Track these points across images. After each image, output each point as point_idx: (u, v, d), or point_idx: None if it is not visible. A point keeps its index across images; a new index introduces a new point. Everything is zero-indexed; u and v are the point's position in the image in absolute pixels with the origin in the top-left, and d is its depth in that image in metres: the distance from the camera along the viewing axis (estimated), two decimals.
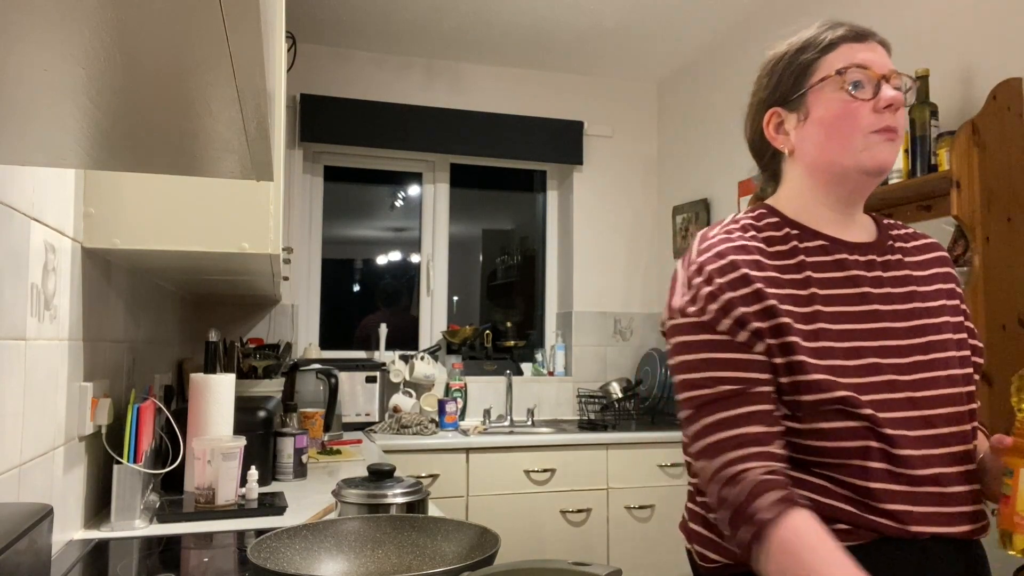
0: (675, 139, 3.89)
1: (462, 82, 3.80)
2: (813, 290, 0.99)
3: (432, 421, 3.21)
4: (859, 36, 1.06)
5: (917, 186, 2.17)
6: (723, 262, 0.99)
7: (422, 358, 3.49)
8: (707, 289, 0.98)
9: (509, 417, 3.54)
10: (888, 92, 0.99)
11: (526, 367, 3.88)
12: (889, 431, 0.93)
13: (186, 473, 1.62)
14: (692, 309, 0.99)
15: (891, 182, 2.20)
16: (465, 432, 3.16)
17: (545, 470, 3.02)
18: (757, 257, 1.00)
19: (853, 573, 0.81)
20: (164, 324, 2.41)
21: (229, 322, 3.39)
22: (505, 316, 4.02)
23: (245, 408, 1.91)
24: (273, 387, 2.78)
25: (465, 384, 3.54)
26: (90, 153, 0.75)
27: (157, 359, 2.30)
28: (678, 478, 3.17)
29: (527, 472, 3.01)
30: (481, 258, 4.09)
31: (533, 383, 3.77)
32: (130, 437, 1.45)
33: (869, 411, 0.93)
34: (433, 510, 1.49)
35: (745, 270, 0.98)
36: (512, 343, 3.81)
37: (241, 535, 1.44)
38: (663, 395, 3.55)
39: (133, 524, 1.45)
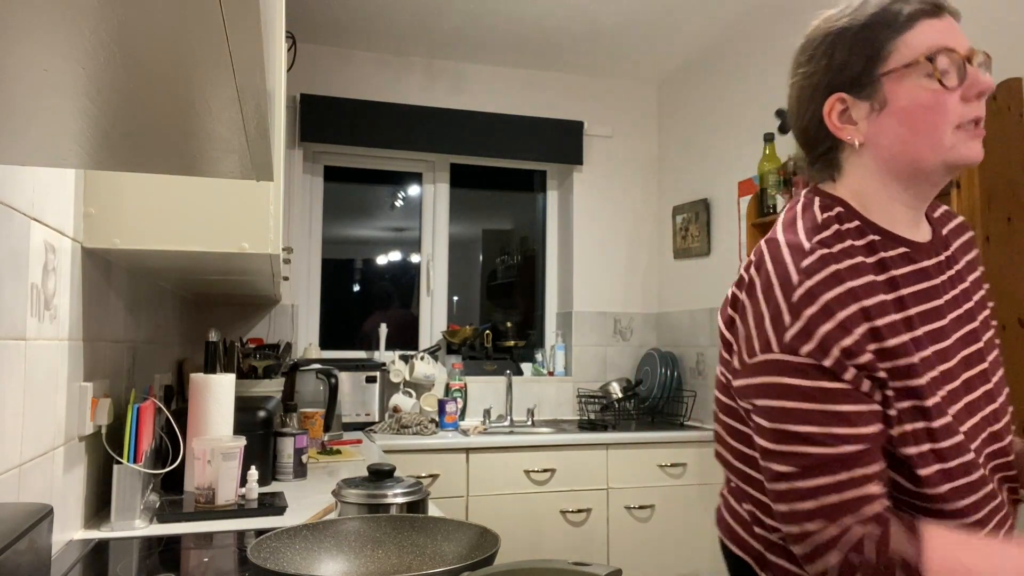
0: (675, 139, 3.89)
1: (462, 82, 3.80)
2: (910, 313, 0.89)
3: (432, 421, 3.21)
4: (936, 9, 0.91)
5: None
6: (841, 290, 0.84)
7: (422, 358, 3.49)
8: (827, 328, 0.82)
9: (509, 417, 3.54)
10: (981, 78, 0.88)
11: (526, 367, 3.88)
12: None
13: (186, 473, 1.62)
14: (806, 349, 0.83)
15: None
16: (465, 432, 3.16)
17: (545, 470, 3.02)
18: (871, 279, 0.87)
19: (1012, 552, 0.79)
20: (164, 324, 2.41)
21: (229, 322, 3.39)
22: (505, 316, 4.02)
23: (245, 408, 1.91)
24: (273, 387, 2.78)
25: (465, 384, 3.54)
26: (90, 153, 0.75)
27: (157, 359, 2.30)
28: (678, 478, 3.17)
29: (527, 472, 3.01)
30: (481, 258, 4.09)
31: (533, 383, 3.77)
32: (130, 437, 1.45)
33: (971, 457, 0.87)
34: (433, 510, 1.49)
35: (865, 302, 0.84)
36: (512, 343, 3.81)
37: (241, 535, 1.44)
38: (663, 395, 3.55)
39: (133, 524, 1.45)
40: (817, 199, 0.97)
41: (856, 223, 0.94)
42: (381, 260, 3.94)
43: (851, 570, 0.81)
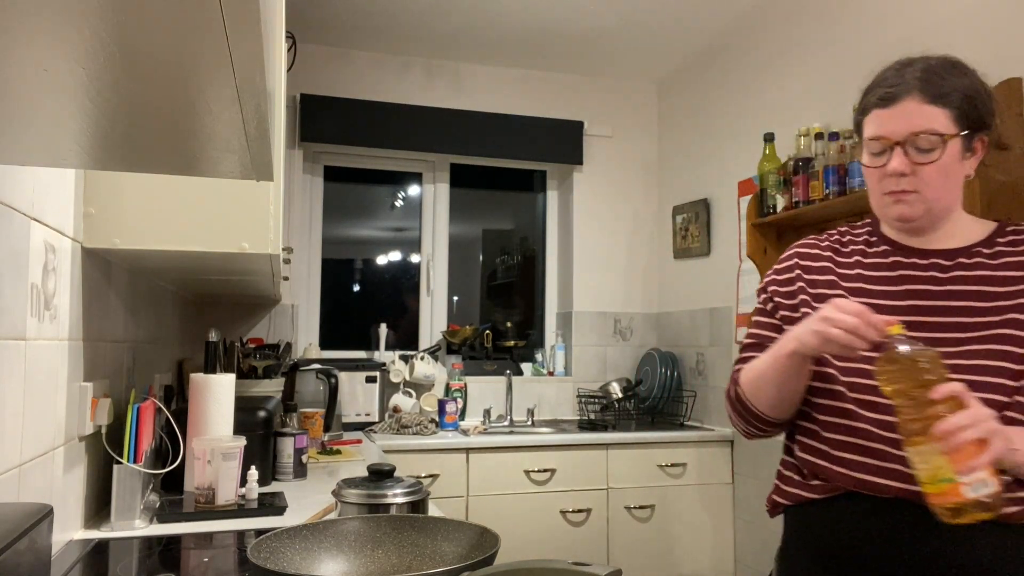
0: (675, 139, 3.89)
1: (462, 82, 3.80)
2: (860, 285, 1.19)
3: (432, 421, 3.21)
4: (886, 100, 1.13)
5: None
6: (790, 252, 1.34)
7: (422, 358, 3.49)
8: (768, 276, 1.36)
9: (509, 417, 3.54)
10: (893, 163, 1.11)
11: (526, 367, 3.88)
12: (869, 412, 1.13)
13: (186, 473, 1.62)
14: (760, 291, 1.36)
15: None
16: (465, 432, 3.16)
17: (545, 470, 3.02)
18: (819, 252, 1.28)
19: (788, 337, 1.14)
20: (164, 324, 2.41)
21: (229, 322, 3.39)
22: (505, 316, 4.02)
23: (245, 408, 1.91)
24: (273, 387, 2.78)
25: (465, 384, 3.54)
26: (90, 153, 0.76)
27: (157, 359, 2.30)
28: (678, 478, 3.17)
29: (527, 472, 3.01)
30: (481, 258, 4.09)
31: (533, 383, 3.77)
32: (130, 437, 1.45)
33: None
34: (433, 510, 1.49)
35: (800, 261, 1.29)
36: (512, 343, 3.81)
37: (241, 535, 1.44)
38: (663, 395, 3.55)
39: (133, 524, 1.45)
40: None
41: (868, 228, 1.27)
42: (381, 260, 3.94)
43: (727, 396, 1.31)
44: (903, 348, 1.01)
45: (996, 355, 1.06)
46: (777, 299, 1.27)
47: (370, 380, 3.33)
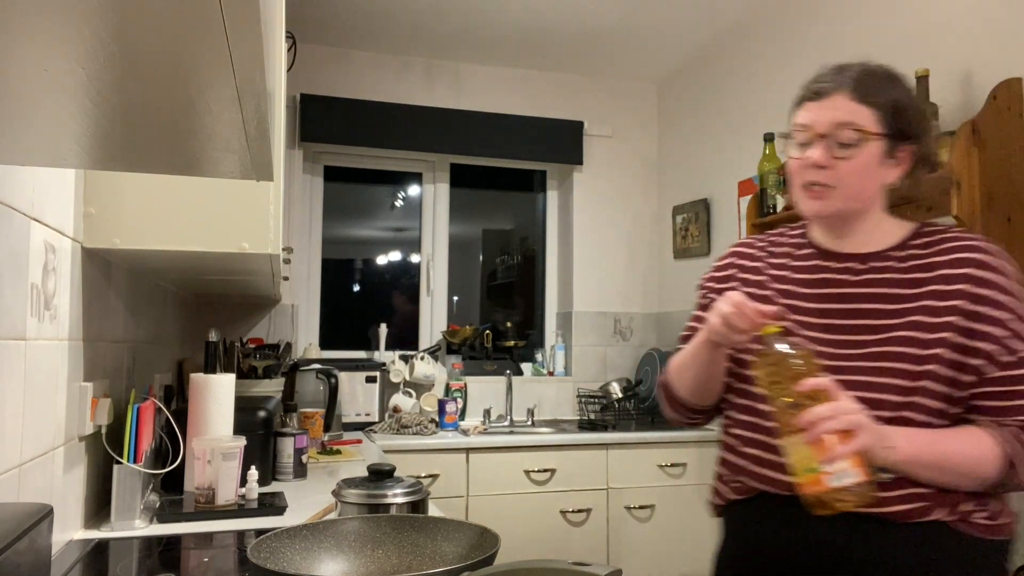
0: (675, 139, 3.89)
1: (462, 82, 3.80)
2: (787, 287, 1.22)
3: (432, 421, 3.20)
4: (818, 94, 1.16)
5: (917, 186, 2.17)
6: (726, 251, 1.39)
7: (422, 358, 3.49)
8: (705, 274, 1.36)
9: (509, 417, 3.54)
10: (813, 154, 1.13)
11: (526, 367, 3.88)
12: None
13: (186, 473, 1.62)
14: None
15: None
16: (465, 432, 3.16)
17: (545, 470, 3.02)
18: (754, 252, 1.32)
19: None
20: (164, 324, 2.41)
21: (229, 322, 3.39)
22: (505, 316, 4.02)
23: (245, 408, 1.91)
24: (273, 387, 2.78)
25: (465, 384, 3.54)
26: (90, 153, 0.76)
27: (157, 359, 2.30)
28: (678, 478, 3.17)
29: (527, 472, 3.01)
30: (481, 258, 4.09)
31: (533, 383, 3.77)
32: (130, 437, 1.45)
33: None
34: (433, 510, 1.49)
35: (734, 260, 1.34)
36: (512, 343, 3.81)
37: (241, 535, 1.44)
38: None
39: (133, 524, 1.45)
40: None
41: (802, 230, 1.29)
42: (381, 260, 3.94)
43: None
44: (777, 344, 1.06)
45: (894, 357, 1.09)
46: (711, 296, 1.31)
47: (370, 380, 3.33)
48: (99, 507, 1.58)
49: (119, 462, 1.43)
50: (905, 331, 1.10)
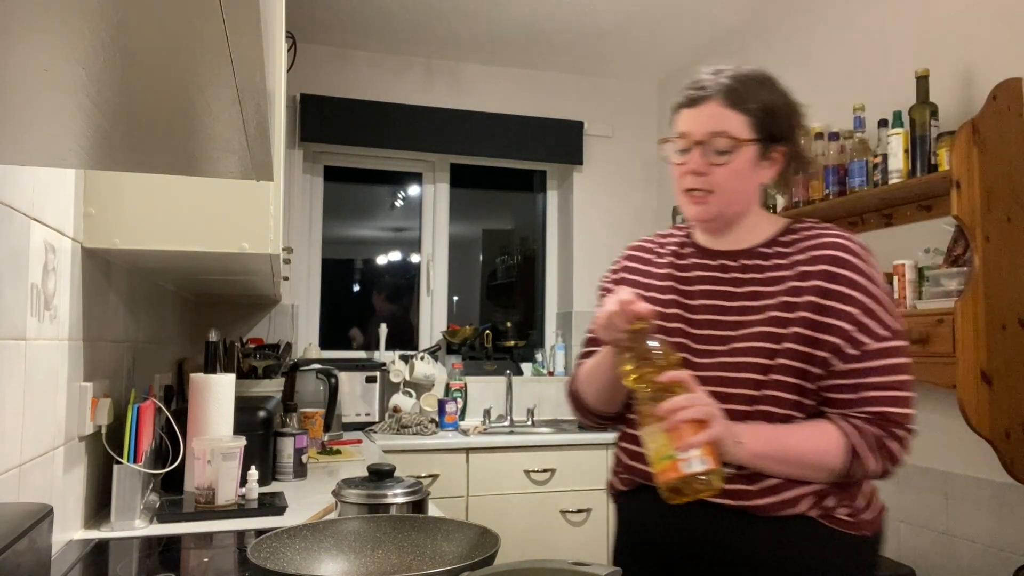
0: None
1: (462, 82, 3.80)
2: (670, 283, 1.26)
3: (432, 421, 3.20)
4: (693, 101, 1.20)
5: (917, 186, 2.17)
6: (622, 255, 1.44)
7: (422, 358, 3.49)
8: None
9: (509, 417, 3.54)
10: (690, 161, 1.17)
11: (526, 367, 3.88)
12: None
13: (186, 473, 1.62)
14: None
15: (891, 182, 2.20)
16: (465, 432, 3.16)
17: (545, 470, 3.02)
18: (644, 255, 1.37)
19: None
20: (164, 324, 2.41)
21: (229, 322, 3.38)
22: (505, 316, 4.02)
23: (245, 408, 1.91)
24: (273, 387, 2.78)
25: (465, 384, 3.54)
26: (90, 153, 0.76)
27: (157, 359, 2.30)
28: None
29: (527, 472, 3.00)
30: (481, 258, 4.09)
31: (533, 383, 3.77)
32: (130, 437, 1.45)
33: None
34: (433, 510, 1.49)
35: (625, 263, 1.41)
36: (512, 343, 3.80)
37: (241, 535, 1.44)
38: None
39: (133, 524, 1.45)
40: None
41: (687, 229, 1.32)
42: (381, 260, 3.94)
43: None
44: (640, 340, 1.09)
45: (749, 352, 1.12)
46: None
47: (370, 380, 3.33)
48: (99, 507, 1.58)
49: (119, 462, 1.43)
50: (762, 327, 1.13)
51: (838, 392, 1.10)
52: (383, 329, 3.60)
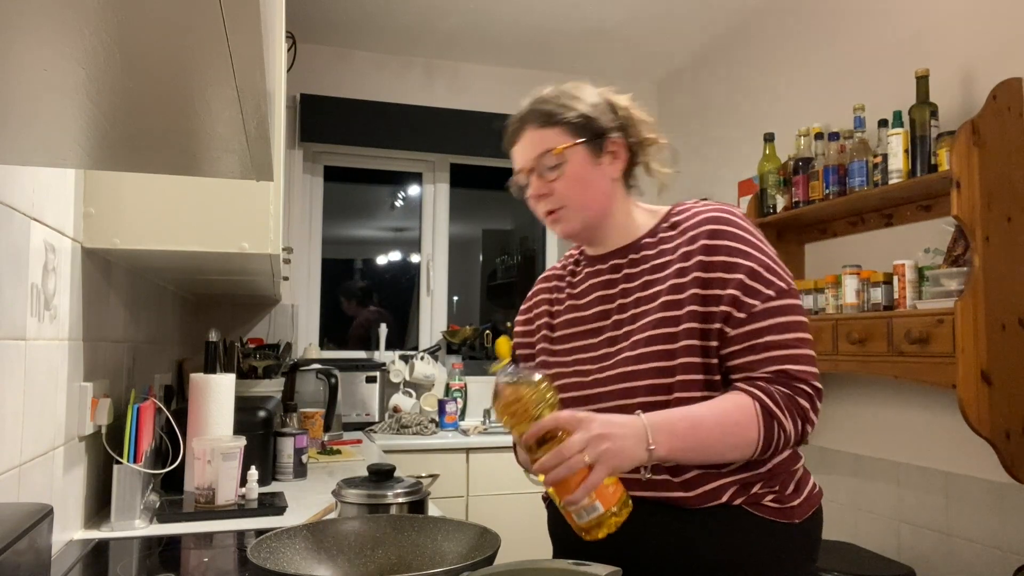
0: (675, 139, 3.89)
1: (462, 82, 3.80)
2: (575, 301, 1.27)
3: (432, 421, 3.20)
4: (512, 137, 1.26)
5: (917, 186, 2.17)
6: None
7: (422, 358, 3.49)
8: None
9: None
10: (530, 190, 1.23)
11: None
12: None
13: (186, 473, 1.62)
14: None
15: (891, 182, 2.20)
16: (465, 432, 3.16)
17: None
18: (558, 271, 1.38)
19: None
20: (164, 324, 2.41)
21: (229, 322, 3.38)
22: (505, 316, 4.02)
23: (245, 408, 1.91)
24: (273, 387, 2.78)
25: (465, 384, 3.54)
26: (90, 153, 0.76)
27: (157, 359, 2.30)
28: None
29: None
30: (481, 258, 4.09)
31: None
32: (130, 437, 1.45)
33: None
34: (433, 510, 1.49)
35: (544, 283, 1.39)
36: None
37: (241, 535, 1.44)
38: None
39: (133, 524, 1.45)
40: None
41: (581, 247, 1.34)
42: (381, 260, 3.94)
43: None
44: (507, 382, 1.03)
45: (652, 341, 1.11)
46: (523, 347, 1.35)
47: (370, 380, 3.33)
48: (99, 507, 1.58)
49: (119, 462, 1.43)
50: (657, 313, 1.13)
51: (737, 358, 1.09)
52: (383, 329, 3.60)
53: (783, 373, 1.06)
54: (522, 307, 1.39)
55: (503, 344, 1.07)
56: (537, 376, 1.03)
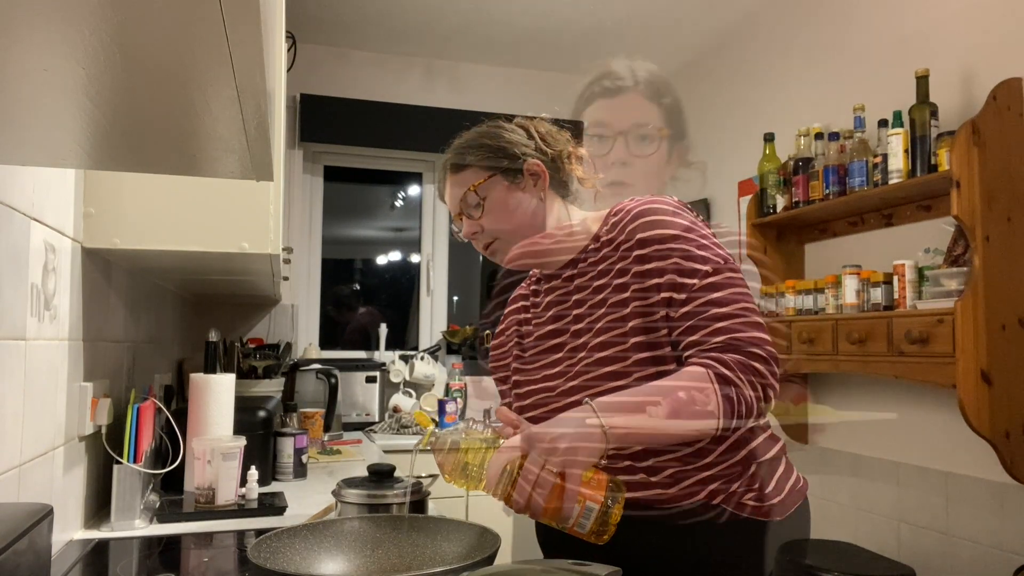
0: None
1: (462, 82, 3.80)
2: (534, 321, 1.29)
3: (432, 421, 3.20)
4: (439, 189, 1.32)
5: (917, 186, 2.17)
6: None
7: (422, 358, 3.49)
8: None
9: None
10: (463, 231, 1.29)
11: None
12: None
13: (186, 473, 1.62)
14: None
15: (891, 182, 2.20)
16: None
17: None
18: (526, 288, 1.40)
19: None
20: (164, 324, 2.41)
21: (229, 322, 3.38)
22: None
23: (245, 408, 1.91)
24: (273, 387, 2.78)
25: (465, 384, 3.54)
26: (90, 153, 0.76)
27: (157, 359, 2.30)
28: None
29: None
30: (481, 258, 4.09)
31: None
32: (130, 437, 1.45)
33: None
34: (433, 510, 1.49)
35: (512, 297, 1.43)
36: None
37: (241, 535, 1.44)
38: None
39: (133, 524, 1.45)
40: None
41: None
42: (381, 260, 3.94)
43: None
44: (442, 450, 1.03)
45: (607, 345, 1.12)
46: (499, 369, 1.36)
47: (370, 380, 3.33)
48: (99, 507, 1.58)
49: (119, 462, 1.43)
50: (609, 316, 1.14)
51: (686, 336, 1.08)
52: (383, 329, 3.60)
53: (733, 340, 1.04)
54: (496, 330, 1.42)
55: (421, 417, 1.06)
56: (459, 426, 1.06)
